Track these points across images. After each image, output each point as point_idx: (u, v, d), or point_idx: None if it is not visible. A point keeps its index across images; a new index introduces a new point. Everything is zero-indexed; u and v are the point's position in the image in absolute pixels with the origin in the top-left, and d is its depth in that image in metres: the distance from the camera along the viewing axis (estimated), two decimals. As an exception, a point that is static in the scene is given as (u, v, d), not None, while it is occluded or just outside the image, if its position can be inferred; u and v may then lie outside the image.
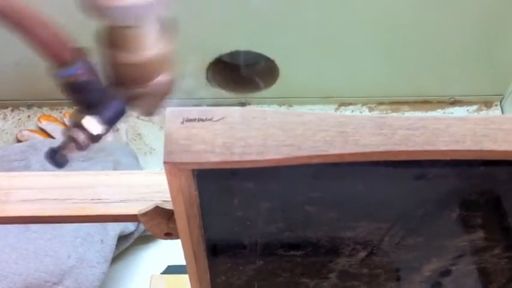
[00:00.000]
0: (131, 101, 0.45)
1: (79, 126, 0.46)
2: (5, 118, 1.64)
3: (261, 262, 0.67)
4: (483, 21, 1.43)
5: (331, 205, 0.55)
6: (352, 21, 1.42)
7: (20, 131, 1.60)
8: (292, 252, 0.65)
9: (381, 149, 0.45)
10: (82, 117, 0.46)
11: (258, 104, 1.58)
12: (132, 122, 1.62)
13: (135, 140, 1.59)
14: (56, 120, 1.62)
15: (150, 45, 0.41)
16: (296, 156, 0.44)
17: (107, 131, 0.46)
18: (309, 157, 0.45)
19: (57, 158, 0.48)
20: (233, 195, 0.53)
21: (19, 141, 1.58)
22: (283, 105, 1.60)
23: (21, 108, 1.66)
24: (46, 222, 0.64)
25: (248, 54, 1.45)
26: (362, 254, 0.66)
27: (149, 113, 0.46)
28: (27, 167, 1.40)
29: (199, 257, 0.64)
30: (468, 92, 1.61)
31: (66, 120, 1.60)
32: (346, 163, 0.47)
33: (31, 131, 1.60)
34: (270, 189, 0.52)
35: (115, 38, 0.41)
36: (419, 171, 0.50)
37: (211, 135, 0.46)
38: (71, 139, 0.47)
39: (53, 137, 1.58)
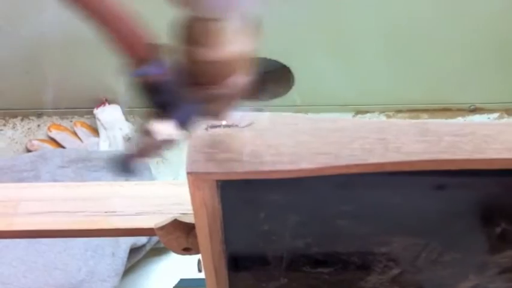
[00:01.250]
0: (205, 102, 0.42)
1: (151, 130, 0.42)
2: (14, 127, 1.61)
3: (286, 279, 0.63)
4: (503, 27, 1.39)
5: (365, 218, 0.51)
6: (369, 27, 1.38)
7: (30, 140, 1.57)
8: (319, 269, 0.61)
9: (426, 157, 0.41)
10: (155, 120, 0.42)
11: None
12: (143, 131, 1.58)
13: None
14: (66, 129, 1.59)
15: (231, 42, 0.38)
16: (333, 166, 0.40)
17: (181, 135, 0.42)
18: (347, 167, 0.41)
19: (127, 166, 0.44)
20: (259, 208, 0.49)
21: (29, 151, 1.55)
22: (299, 113, 1.56)
23: (30, 117, 1.63)
24: (56, 236, 0.60)
25: (262, 61, 1.41)
26: (395, 271, 0.61)
27: (220, 115, 0.43)
28: (36, 178, 1.36)
29: (220, 273, 0.59)
30: (489, 100, 1.56)
31: (77, 129, 1.57)
32: (384, 172, 0.43)
33: (41, 140, 1.57)
34: (299, 201, 0.48)
35: (195, 31, 0.38)
36: (463, 180, 0.46)
37: (239, 142, 0.42)
38: (144, 144, 0.43)
39: (63, 147, 1.55)
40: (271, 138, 0.42)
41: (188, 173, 0.40)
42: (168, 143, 0.43)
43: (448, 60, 1.47)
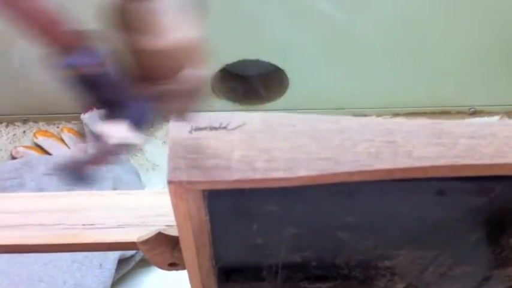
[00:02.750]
0: (158, 99, 0.36)
1: (103, 133, 0.36)
2: (-1, 134, 1.56)
3: (281, 296, 0.58)
4: (504, 27, 1.35)
5: (369, 230, 0.46)
6: (366, 28, 1.33)
7: (15, 147, 1.51)
8: (317, 285, 0.56)
9: (440, 162, 0.36)
10: (105, 122, 0.37)
11: (266, 116, 1.49)
12: (133, 137, 1.53)
13: (136, 155, 1.50)
14: (53, 135, 1.53)
15: (174, 27, 0.32)
16: (333, 173, 0.35)
17: (136, 138, 0.37)
18: (350, 174, 0.36)
19: (78, 173, 0.38)
20: (252, 220, 0.44)
21: (14, 158, 1.49)
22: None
23: (16, 123, 1.57)
24: (29, 251, 0.54)
25: (256, 63, 1.37)
26: (399, 286, 0.56)
27: (179, 115, 0.37)
28: (21, 186, 1.31)
29: (209, 290, 0.54)
30: (489, 102, 1.52)
31: (64, 135, 1.52)
32: (392, 179, 0.38)
33: (26, 147, 1.51)
34: (296, 212, 0.43)
35: (131, 16, 0.33)
36: (481, 186, 0.41)
37: (227, 147, 0.37)
38: (96, 149, 0.38)
39: (49, 154, 1.49)
40: (264, 142, 0.37)
41: (169, 182, 0.35)
42: (122, 147, 0.38)
43: (447, 62, 1.43)
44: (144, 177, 1.42)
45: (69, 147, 1.51)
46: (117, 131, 0.38)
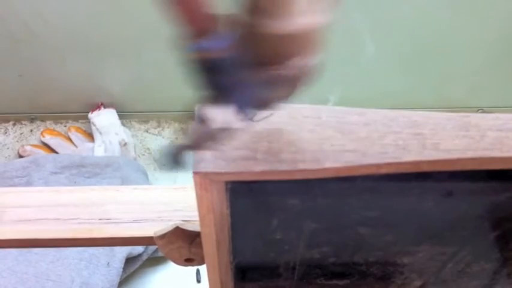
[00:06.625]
0: (269, 84, 0.36)
1: (207, 116, 0.36)
2: (6, 132, 1.56)
3: (297, 292, 0.57)
4: (512, 29, 1.35)
5: (390, 226, 0.46)
6: (374, 28, 1.33)
7: (22, 145, 1.51)
8: (334, 281, 0.55)
9: (469, 155, 0.35)
10: (211, 106, 0.36)
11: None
12: (140, 136, 1.53)
13: (143, 154, 1.50)
14: (60, 134, 1.53)
15: (304, 12, 0.32)
16: (361, 165, 0.35)
17: (240, 122, 0.36)
18: (377, 166, 0.35)
19: (176, 157, 0.38)
20: (272, 214, 0.43)
21: (21, 156, 1.49)
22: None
23: (23, 121, 1.57)
24: (46, 246, 0.54)
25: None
26: (416, 284, 0.56)
27: (280, 102, 0.37)
28: (28, 184, 1.31)
29: (226, 285, 0.54)
30: (496, 103, 1.52)
31: (71, 134, 1.51)
32: (416, 173, 0.38)
33: (34, 146, 1.51)
34: (317, 206, 0.42)
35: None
36: (502, 184, 0.41)
37: (253, 138, 0.36)
38: (198, 133, 0.37)
39: (56, 152, 1.49)
40: (291, 134, 0.36)
41: (195, 173, 0.35)
42: (225, 131, 0.38)
43: (455, 64, 1.43)
44: (151, 176, 1.42)
45: (76, 146, 1.51)
46: (222, 116, 0.37)
